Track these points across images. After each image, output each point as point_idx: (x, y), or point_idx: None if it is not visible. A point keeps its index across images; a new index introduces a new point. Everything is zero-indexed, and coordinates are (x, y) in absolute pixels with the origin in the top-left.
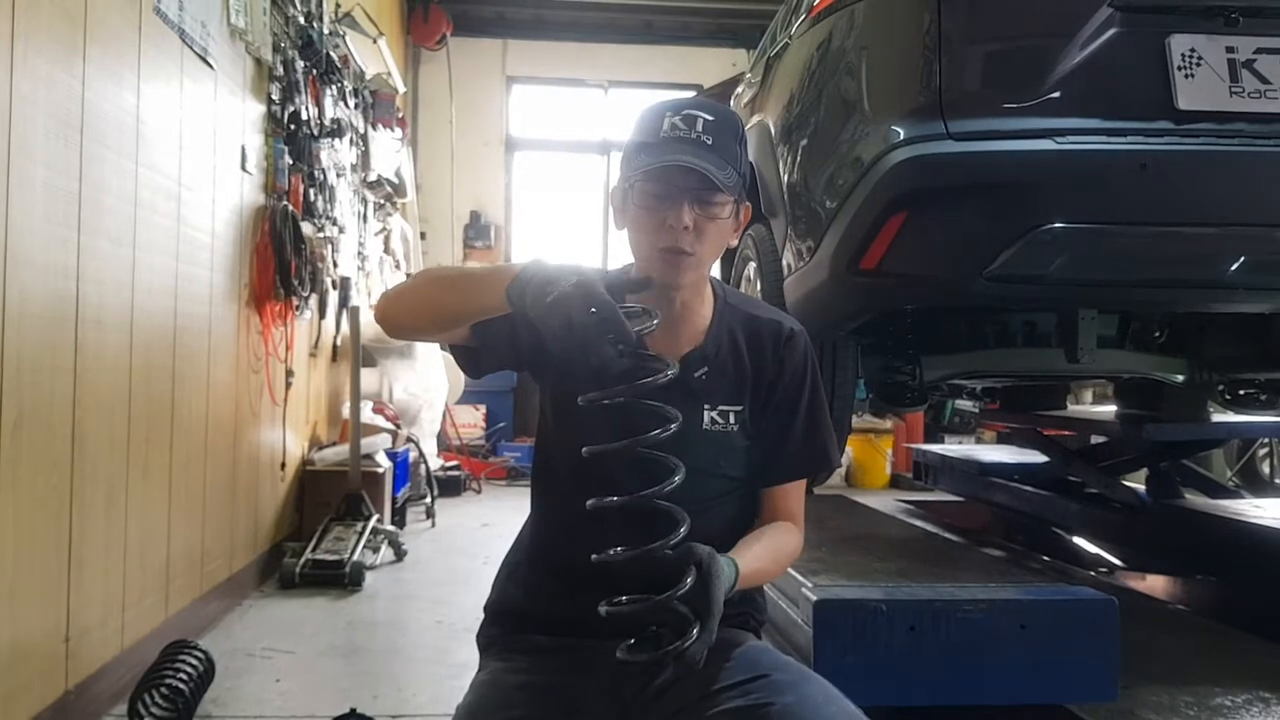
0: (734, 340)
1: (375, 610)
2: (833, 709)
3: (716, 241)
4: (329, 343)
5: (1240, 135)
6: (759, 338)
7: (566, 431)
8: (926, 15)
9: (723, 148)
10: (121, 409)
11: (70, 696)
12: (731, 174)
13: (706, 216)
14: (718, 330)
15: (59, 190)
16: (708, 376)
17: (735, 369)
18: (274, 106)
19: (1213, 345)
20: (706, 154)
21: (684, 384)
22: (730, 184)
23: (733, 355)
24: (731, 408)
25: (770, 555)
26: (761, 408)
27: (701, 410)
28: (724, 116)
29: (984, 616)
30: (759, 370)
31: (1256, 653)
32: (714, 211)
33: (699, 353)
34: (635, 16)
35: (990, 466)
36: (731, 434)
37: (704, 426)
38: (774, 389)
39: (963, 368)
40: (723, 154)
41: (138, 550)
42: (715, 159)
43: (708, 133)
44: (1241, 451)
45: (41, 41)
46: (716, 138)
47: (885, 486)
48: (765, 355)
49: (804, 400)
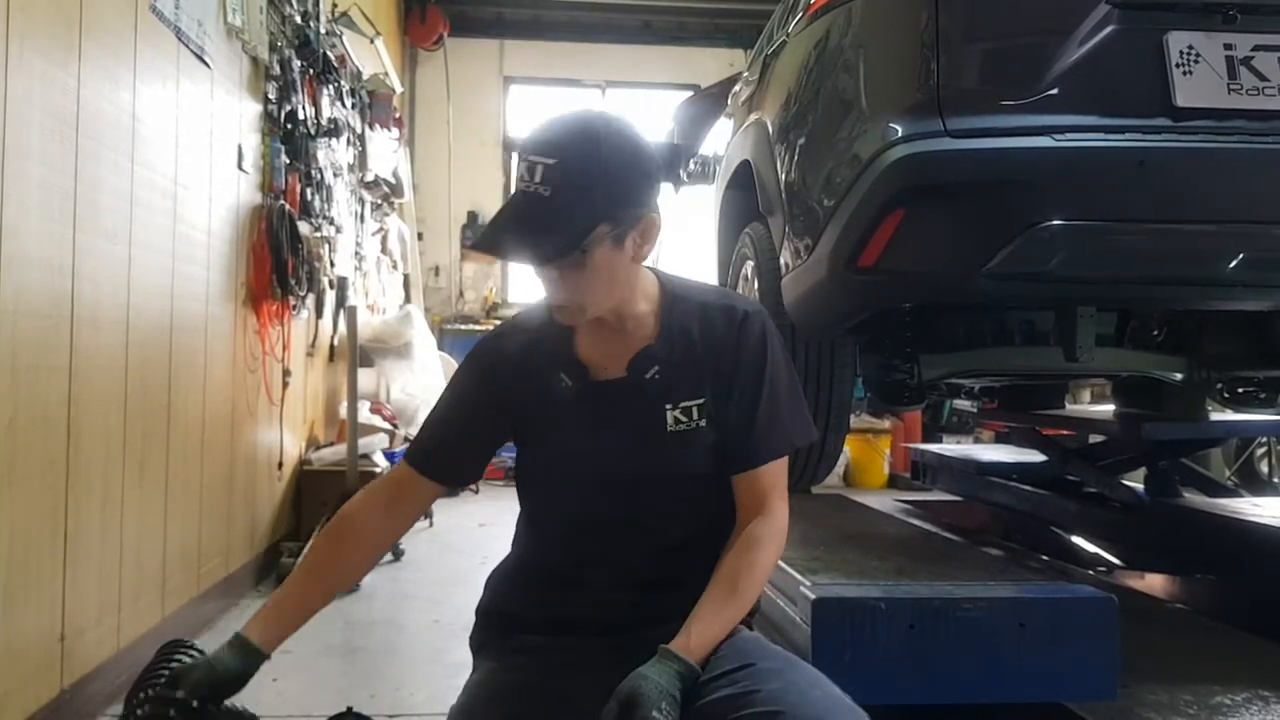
0: (686, 333)
1: (373, 610)
2: (817, 693)
3: (595, 283)
4: (326, 342)
5: (1238, 132)
6: (712, 325)
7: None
8: (924, 12)
9: (564, 194)
10: (117, 408)
11: (65, 696)
12: (572, 226)
13: (567, 269)
14: (667, 327)
15: (55, 188)
16: (661, 375)
17: (691, 362)
18: (271, 106)
19: (1211, 343)
20: (539, 214)
21: (638, 388)
22: (550, 252)
23: (686, 349)
24: (694, 402)
25: (731, 593)
26: (724, 396)
27: (664, 411)
28: (570, 151)
29: (983, 615)
30: (716, 358)
31: (1256, 651)
32: (567, 266)
33: (646, 353)
34: (633, 16)
35: (988, 466)
36: (698, 430)
37: (669, 428)
38: (733, 375)
39: (961, 366)
40: (562, 202)
41: (134, 549)
42: (545, 219)
43: (546, 182)
44: (1240, 450)
45: (37, 39)
46: (557, 184)
47: (883, 486)
48: (720, 342)
49: (765, 381)
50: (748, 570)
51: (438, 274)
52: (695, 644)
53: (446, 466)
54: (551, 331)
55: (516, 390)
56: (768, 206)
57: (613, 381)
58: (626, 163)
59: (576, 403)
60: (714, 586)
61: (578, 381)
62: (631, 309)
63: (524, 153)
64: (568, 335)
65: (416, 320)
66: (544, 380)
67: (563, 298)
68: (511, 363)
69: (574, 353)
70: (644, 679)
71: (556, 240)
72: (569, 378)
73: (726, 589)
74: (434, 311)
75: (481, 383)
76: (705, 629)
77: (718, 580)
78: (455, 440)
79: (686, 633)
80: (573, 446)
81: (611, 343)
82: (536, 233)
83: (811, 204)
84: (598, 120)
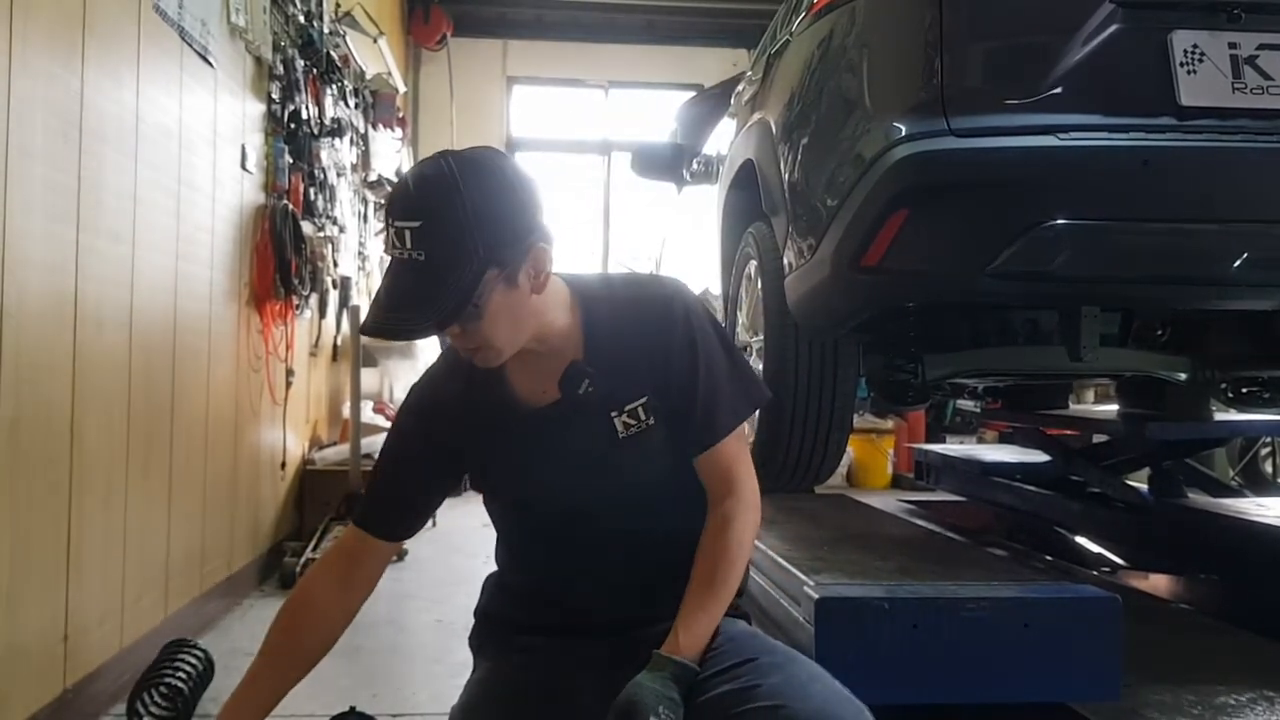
0: (611, 335)
1: (375, 609)
2: (818, 687)
3: (497, 328)
4: (329, 342)
5: (1243, 131)
6: (633, 320)
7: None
8: (928, 11)
9: (437, 255)
10: (120, 408)
11: (68, 695)
12: (452, 288)
13: (466, 325)
14: (593, 336)
15: (58, 187)
16: (595, 386)
17: (622, 364)
18: (274, 105)
19: (1215, 343)
20: (419, 281)
21: (579, 405)
22: (447, 316)
23: (615, 352)
24: (638, 403)
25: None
26: (663, 386)
27: (610, 420)
28: (434, 209)
29: (987, 615)
30: (646, 353)
31: (1260, 651)
32: (467, 318)
33: (574, 369)
34: (636, 16)
35: (992, 466)
36: (649, 429)
37: (621, 436)
38: (667, 363)
39: (965, 366)
40: (438, 265)
41: (137, 549)
42: (423, 286)
43: (418, 246)
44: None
45: (41, 39)
46: (429, 246)
47: (887, 486)
48: (645, 335)
49: (700, 360)
50: (723, 556)
51: None
52: (685, 643)
53: (399, 524)
54: (478, 373)
55: (460, 436)
56: (771, 206)
57: (551, 406)
58: (496, 199)
59: (522, 435)
60: (695, 580)
61: (516, 414)
62: (550, 331)
63: (389, 218)
64: (498, 370)
65: None
66: (484, 420)
67: (474, 348)
68: (448, 410)
69: (507, 387)
70: (638, 687)
71: (445, 305)
72: (508, 412)
73: (706, 581)
74: None
75: (424, 436)
76: (692, 625)
77: (697, 573)
78: (405, 497)
79: (675, 634)
80: (529, 477)
81: (541, 367)
82: (422, 303)
83: (815, 203)
84: (454, 164)
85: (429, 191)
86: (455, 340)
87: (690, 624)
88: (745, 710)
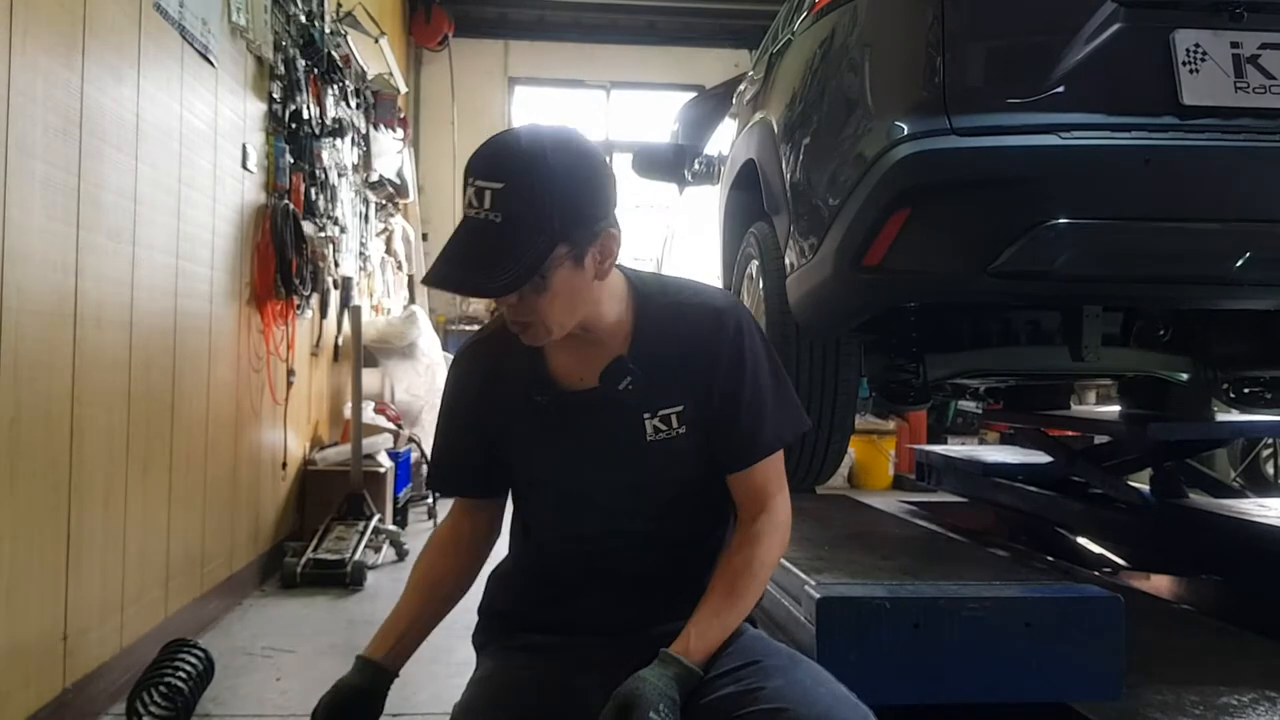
0: (660, 337)
1: (376, 609)
2: (822, 690)
3: (556, 304)
4: (330, 342)
5: (1245, 131)
6: (686, 326)
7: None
8: (929, 10)
9: (515, 218)
10: (121, 407)
11: (68, 695)
12: (524, 253)
13: (524, 296)
14: (641, 333)
15: (58, 186)
16: (635, 385)
17: (667, 368)
18: (275, 105)
19: (1217, 343)
20: (490, 242)
21: (612, 399)
22: (502, 283)
23: (661, 354)
24: (673, 410)
25: (730, 595)
26: (705, 398)
27: (642, 421)
28: (518, 173)
29: (988, 614)
30: (692, 361)
31: (1262, 652)
32: (528, 289)
33: (618, 364)
34: (637, 17)
35: (994, 467)
36: (678, 438)
37: (649, 438)
38: (712, 376)
39: (966, 366)
40: (515, 227)
41: (137, 549)
42: (497, 247)
43: (496, 208)
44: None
45: (41, 37)
46: (508, 209)
47: (888, 487)
48: (696, 343)
49: (747, 379)
50: (746, 570)
51: None
52: (694, 647)
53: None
54: (520, 346)
55: (493, 407)
56: (773, 206)
57: (586, 393)
58: (578, 179)
59: (551, 417)
60: (714, 589)
61: (549, 396)
62: (600, 321)
63: (470, 176)
64: (537, 348)
65: (421, 321)
66: (516, 396)
67: (525, 321)
68: (485, 379)
69: (544, 366)
70: (643, 681)
71: (513, 269)
72: (540, 393)
73: (725, 591)
74: (438, 312)
75: (467, 395)
76: (705, 631)
77: (717, 582)
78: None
79: (686, 636)
80: (554, 462)
81: (583, 353)
82: (491, 264)
83: (816, 203)
84: (544, 136)
85: (516, 156)
86: (510, 311)
87: (703, 629)
88: (749, 713)
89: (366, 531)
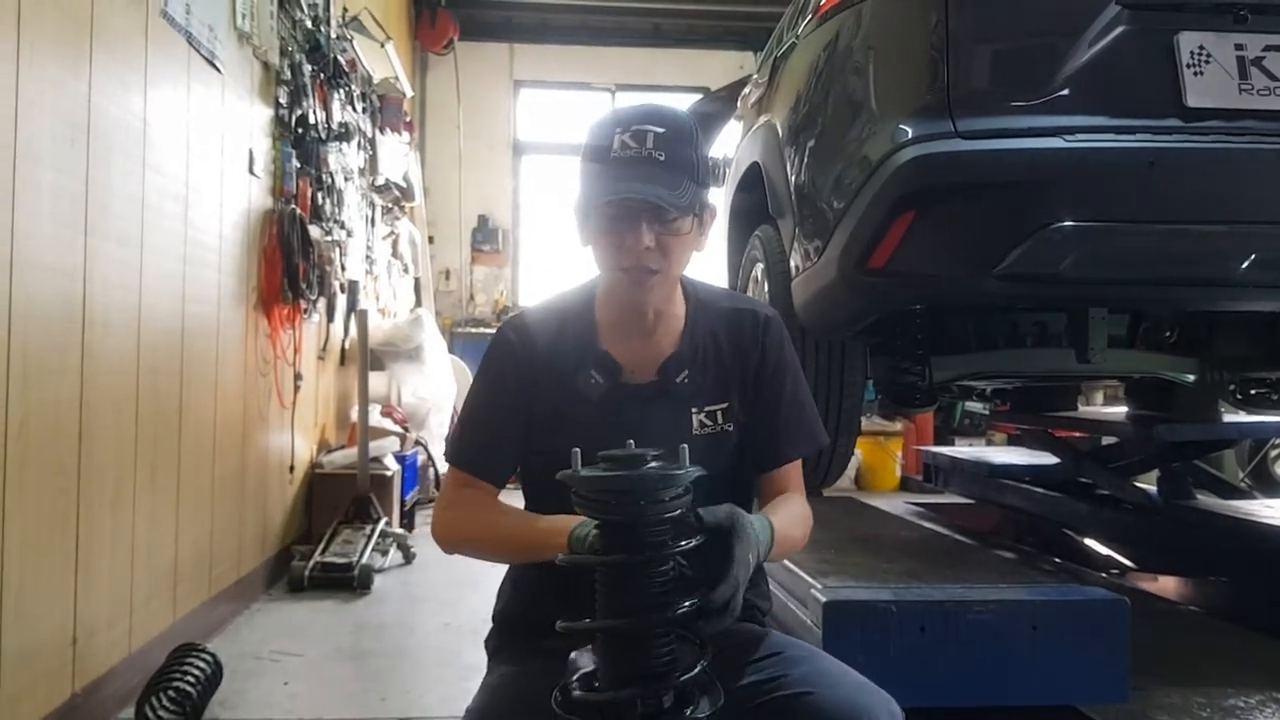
0: (713, 337)
1: (384, 613)
2: (846, 677)
3: (681, 254)
4: (337, 346)
5: (1249, 133)
6: (737, 329)
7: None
8: (934, 14)
9: (676, 161)
10: (129, 411)
11: (77, 699)
12: (687, 190)
13: (668, 233)
14: (694, 331)
15: (65, 193)
16: (689, 380)
17: (717, 366)
18: (281, 110)
19: (1224, 344)
20: (660, 173)
21: (668, 392)
22: (684, 204)
23: (713, 353)
24: (719, 406)
25: (797, 520)
26: (750, 399)
27: (690, 415)
28: (674, 125)
29: (994, 617)
30: (742, 362)
31: (1269, 654)
32: (674, 228)
33: (676, 358)
34: (642, 20)
35: (1000, 468)
36: (723, 434)
37: (694, 432)
38: (759, 377)
39: (972, 368)
40: (676, 168)
41: (145, 553)
42: (668, 177)
43: (659, 148)
44: (1253, 452)
45: (48, 45)
46: (669, 150)
47: (895, 489)
48: (745, 346)
49: (787, 384)
50: (803, 514)
51: (448, 278)
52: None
53: (512, 467)
54: (576, 326)
55: (542, 383)
56: (777, 209)
57: (643, 385)
58: (707, 155)
59: (604, 403)
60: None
61: (608, 381)
62: (668, 305)
63: (626, 124)
64: (593, 331)
65: (427, 324)
66: (571, 375)
67: (654, 259)
68: (538, 353)
69: (603, 350)
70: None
71: (687, 194)
72: (600, 375)
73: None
74: (445, 315)
75: (516, 372)
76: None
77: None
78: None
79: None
80: (591, 439)
81: (638, 343)
82: (668, 186)
83: (821, 206)
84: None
85: (671, 114)
86: (646, 251)
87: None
88: (775, 697)
89: (374, 535)
